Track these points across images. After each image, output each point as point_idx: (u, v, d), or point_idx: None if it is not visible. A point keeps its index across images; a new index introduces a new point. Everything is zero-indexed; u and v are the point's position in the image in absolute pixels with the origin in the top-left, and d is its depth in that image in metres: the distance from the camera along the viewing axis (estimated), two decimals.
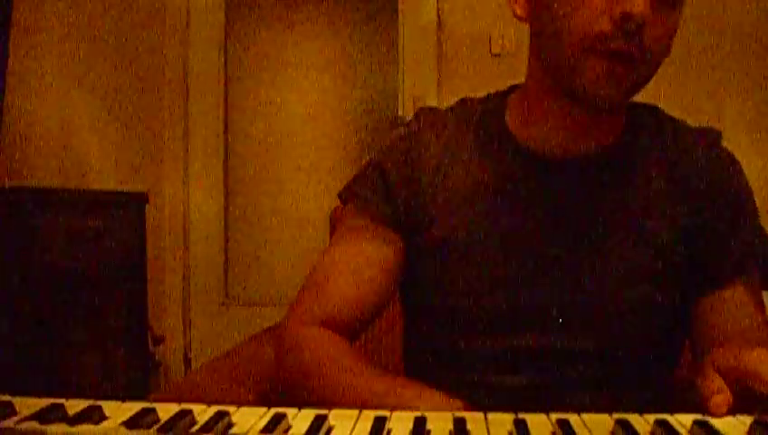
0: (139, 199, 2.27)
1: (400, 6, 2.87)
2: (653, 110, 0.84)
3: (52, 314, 1.81)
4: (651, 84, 0.72)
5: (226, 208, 3.05)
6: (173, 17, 2.82)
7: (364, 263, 0.79)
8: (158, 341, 2.53)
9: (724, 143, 0.82)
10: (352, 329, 0.80)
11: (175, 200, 2.82)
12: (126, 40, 2.55)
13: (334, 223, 1.05)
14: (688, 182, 0.78)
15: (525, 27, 0.76)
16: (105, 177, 2.41)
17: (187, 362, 2.84)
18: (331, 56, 3.03)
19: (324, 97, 3.03)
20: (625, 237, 0.75)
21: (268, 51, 4.04)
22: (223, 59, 3.04)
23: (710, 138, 0.81)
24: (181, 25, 2.85)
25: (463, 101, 0.86)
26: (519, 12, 0.75)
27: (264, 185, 3.07)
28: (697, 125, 0.83)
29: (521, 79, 0.82)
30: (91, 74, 2.36)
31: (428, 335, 0.84)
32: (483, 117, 0.82)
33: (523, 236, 0.76)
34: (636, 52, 0.66)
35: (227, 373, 0.99)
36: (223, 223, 3.01)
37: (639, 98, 0.75)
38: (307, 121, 3.73)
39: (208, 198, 2.93)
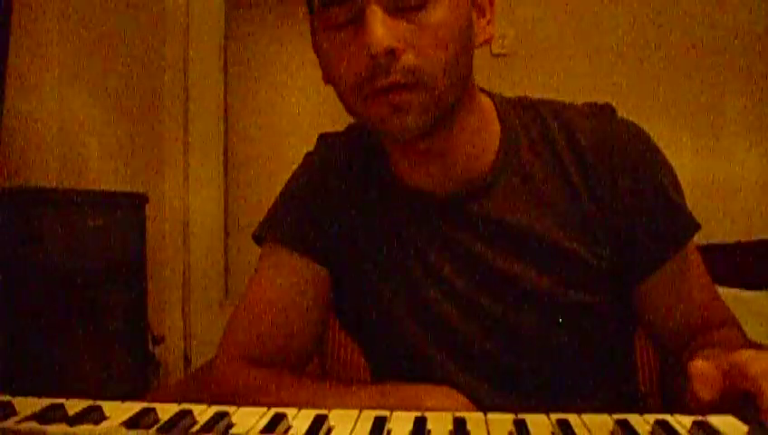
0: (139, 199, 2.27)
1: None
2: (530, 106, 0.79)
3: (52, 314, 1.81)
4: (651, 84, 0.71)
5: (226, 208, 3.05)
6: (173, 17, 2.82)
7: (289, 295, 0.78)
8: (158, 341, 2.53)
9: (724, 142, 0.79)
10: (289, 363, 0.78)
11: (175, 200, 2.82)
12: (126, 40, 2.55)
13: None
14: (586, 172, 0.73)
15: (525, 27, 0.76)
16: (105, 177, 2.41)
17: (187, 361, 2.84)
18: None
19: (324, 97, 3.03)
20: (535, 257, 0.72)
21: (268, 51, 4.06)
22: (223, 59, 3.04)
23: (599, 117, 0.75)
24: (181, 26, 2.84)
25: (351, 129, 0.85)
26: (324, 78, 0.71)
27: (263, 185, 3.06)
28: (696, 121, 0.79)
29: (521, 79, 0.81)
30: (91, 75, 2.36)
31: (372, 356, 0.86)
32: (366, 154, 0.80)
33: (432, 283, 0.74)
34: (402, 78, 0.62)
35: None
36: (223, 223, 3.00)
37: (638, 96, 0.74)
38: (307, 121, 3.74)
39: (208, 198, 2.93)
